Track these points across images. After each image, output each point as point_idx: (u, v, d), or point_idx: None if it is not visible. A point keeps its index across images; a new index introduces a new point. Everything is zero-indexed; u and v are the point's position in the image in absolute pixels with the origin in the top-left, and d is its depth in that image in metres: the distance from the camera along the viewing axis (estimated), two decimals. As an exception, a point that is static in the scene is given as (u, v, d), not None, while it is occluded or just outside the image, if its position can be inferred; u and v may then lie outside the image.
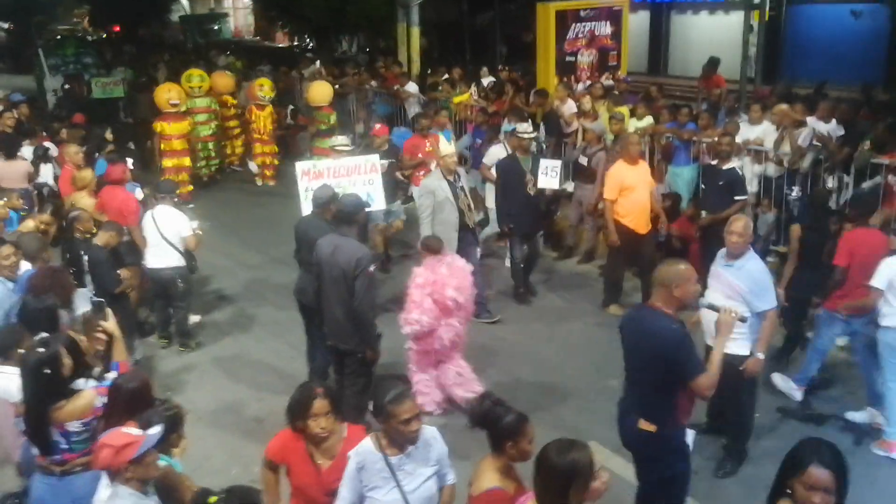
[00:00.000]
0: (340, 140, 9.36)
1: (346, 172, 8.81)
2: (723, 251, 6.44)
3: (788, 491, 3.62)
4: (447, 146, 9.16)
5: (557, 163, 10.10)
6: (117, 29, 35.23)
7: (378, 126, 11.62)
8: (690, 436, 5.17)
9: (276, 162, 15.63)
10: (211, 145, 15.72)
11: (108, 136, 11.93)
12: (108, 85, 18.49)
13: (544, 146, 11.94)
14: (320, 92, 14.93)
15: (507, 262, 10.32)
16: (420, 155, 10.82)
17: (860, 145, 9.58)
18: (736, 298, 6.02)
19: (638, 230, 9.25)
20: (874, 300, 6.70)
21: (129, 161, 10.22)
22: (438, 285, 7.09)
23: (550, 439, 3.88)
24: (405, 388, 4.23)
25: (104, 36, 35.96)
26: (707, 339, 6.10)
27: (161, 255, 8.65)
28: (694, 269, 4.96)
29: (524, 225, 9.70)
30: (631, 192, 9.13)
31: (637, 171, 9.29)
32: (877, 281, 6.61)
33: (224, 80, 16.58)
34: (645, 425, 4.94)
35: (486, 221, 10.15)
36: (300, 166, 8.65)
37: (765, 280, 6.28)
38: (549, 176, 9.88)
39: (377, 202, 9.09)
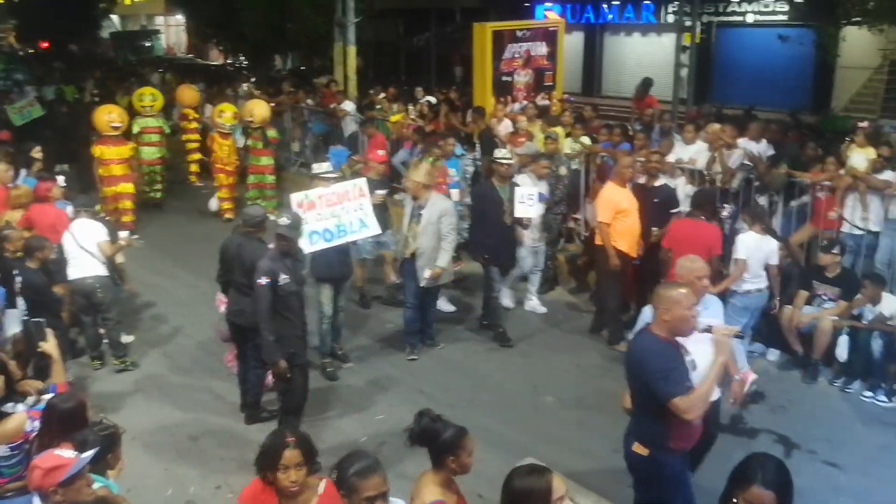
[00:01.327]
0: (325, 167, 8.94)
1: (337, 200, 8.43)
2: None
3: (735, 501, 3.65)
4: (417, 171, 8.98)
5: (535, 190, 9.50)
6: (45, 45, 34.53)
7: (381, 153, 11.03)
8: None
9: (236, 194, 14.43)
10: (158, 168, 14.90)
11: (37, 154, 11.49)
12: (24, 108, 17.52)
13: (478, 165, 11.99)
14: (260, 109, 14.44)
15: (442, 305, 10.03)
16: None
17: (777, 168, 9.86)
18: None
19: (631, 254, 9.04)
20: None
21: (61, 179, 10.01)
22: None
23: (489, 456, 3.89)
24: (373, 462, 3.91)
25: (31, 52, 35.21)
26: None
27: (80, 266, 8.53)
28: (691, 295, 4.88)
29: (501, 256, 9.35)
30: (626, 216, 8.89)
31: (629, 193, 9.06)
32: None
33: (189, 93, 16.46)
34: (638, 448, 4.95)
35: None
36: (294, 198, 8.23)
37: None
38: (526, 204, 9.21)
39: (371, 227, 8.64)
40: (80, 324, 8.94)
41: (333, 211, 8.35)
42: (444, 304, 10.15)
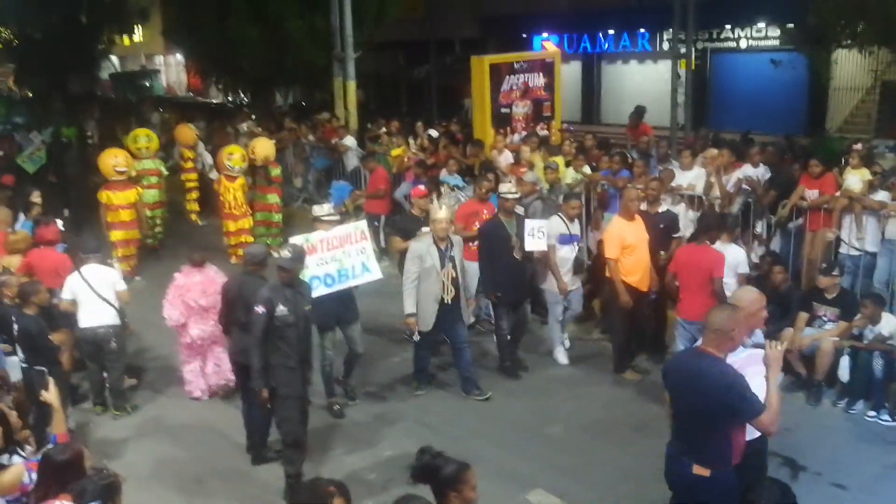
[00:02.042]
0: (326, 209, 8.69)
1: (338, 243, 8.24)
2: None
3: None
4: (440, 210, 8.55)
5: (544, 223, 9.30)
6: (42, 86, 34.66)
7: (421, 187, 10.63)
8: None
9: (250, 239, 13.42)
10: (158, 213, 14.59)
11: (36, 198, 11.43)
12: (34, 155, 17.70)
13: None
14: (262, 147, 14.41)
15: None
16: (477, 224, 9.71)
17: (779, 209, 10.00)
18: None
19: (641, 288, 8.97)
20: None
21: (59, 223, 10.02)
22: (188, 290, 8.67)
23: (496, 489, 3.87)
24: None
25: (30, 94, 35.39)
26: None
27: (95, 313, 8.45)
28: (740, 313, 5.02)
29: (511, 292, 9.16)
30: (633, 250, 8.82)
31: (635, 226, 8.94)
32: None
33: (187, 132, 16.47)
34: (700, 470, 4.90)
35: None
36: (293, 241, 7.85)
37: None
38: (535, 237, 9.10)
39: (373, 272, 8.45)
40: (82, 369, 8.90)
41: (335, 255, 8.19)
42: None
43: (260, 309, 6.66)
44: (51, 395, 5.38)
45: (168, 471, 7.60)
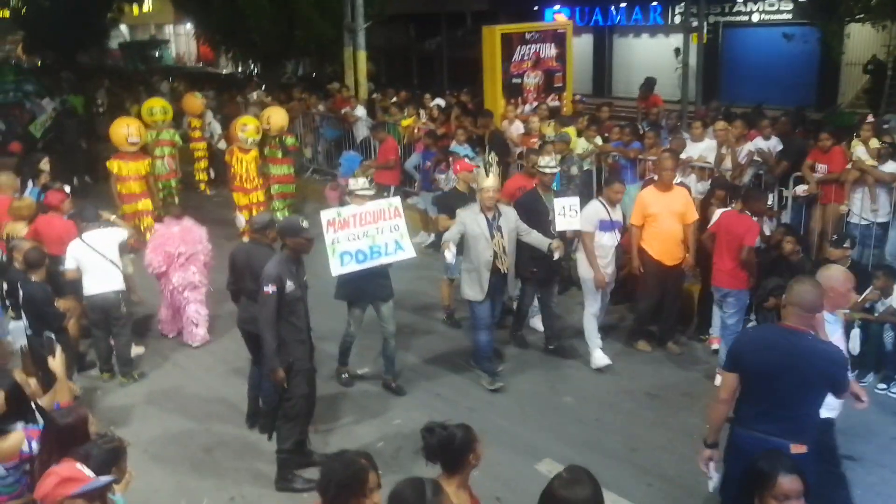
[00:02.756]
0: (361, 183, 8.30)
1: (372, 219, 7.94)
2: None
3: None
4: (487, 179, 8.12)
5: (576, 200, 8.88)
6: (51, 55, 34.62)
7: (465, 159, 10.27)
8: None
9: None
10: (172, 182, 14.28)
11: (44, 165, 11.37)
12: (46, 123, 17.69)
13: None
14: (277, 117, 14.08)
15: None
16: None
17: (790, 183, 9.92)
18: None
19: (664, 261, 8.74)
20: None
21: (66, 188, 10.00)
22: (168, 239, 9.29)
23: (507, 459, 3.82)
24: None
25: (39, 63, 35.34)
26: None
27: (101, 279, 8.40)
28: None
29: (545, 269, 8.74)
30: (655, 220, 8.65)
31: (667, 197, 8.69)
32: None
33: (193, 101, 16.36)
34: (797, 448, 4.76)
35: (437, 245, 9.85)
36: (325, 215, 7.76)
37: None
38: (567, 216, 8.71)
39: (406, 250, 8.09)
40: (89, 336, 8.89)
41: (367, 231, 7.92)
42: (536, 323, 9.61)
43: (270, 289, 6.39)
44: (56, 362, 5.33)
45: (175, 440, 7.58)
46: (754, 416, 4.92)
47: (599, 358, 8.71)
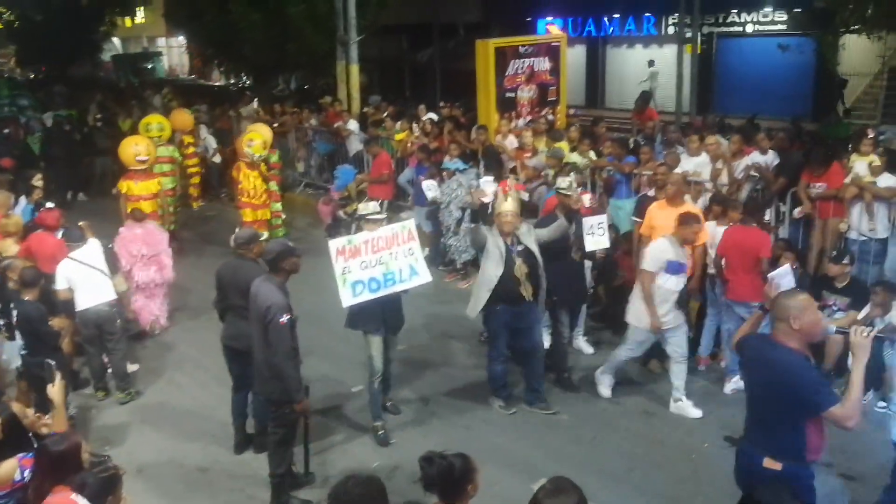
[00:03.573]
0: (372, 207, 7.89)
1: (385, 245, 7.49)
2: None
3: None
4: (505, 203, 7.73)
5: (603, 217, 8.72)
6: (44, 69, 34.60)
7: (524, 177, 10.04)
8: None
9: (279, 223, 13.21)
10: (170, 200, 13.63)
11: (37, 181, 11.28)
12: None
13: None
14: (265, 134, 13.62)
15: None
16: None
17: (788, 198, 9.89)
18: None
19: None
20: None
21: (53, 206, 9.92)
22: (131, 241, 9.92)
23: (504, 478, 3.77)
24: None
25: (32, 76, 35.28)
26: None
27: (93, 292, 8.34)
28: (812, 299, 4.84)
29: (568, 295, 8.47)
30: (655, 234, 8.50)
31: (670, 214, 8.38)
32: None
33: (183, 117, 16.07)
34: (770, 463, 4.77)
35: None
36: (334, 245, 7.36)
37: None
38: (596, 235, 8.53)
39: (422, 275, 7.64)
40: (83, 353, 8.82)
41: (380, 257, 7.45)
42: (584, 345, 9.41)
43: (285, 318, 6.27)
44: (55, 390, 5.27)
45: (170, 460, 7.51)
46: (747, 426, 5.08)
47: (605, 389, 8.45)
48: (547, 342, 8.83)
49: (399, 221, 7.93)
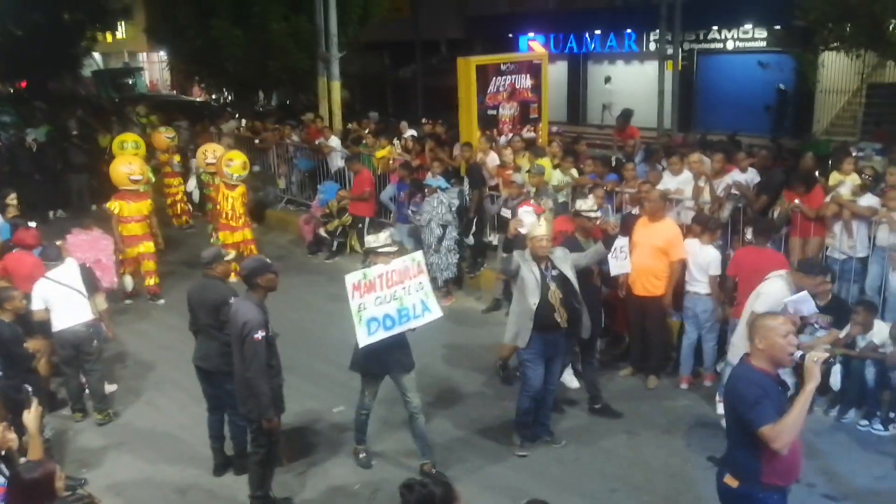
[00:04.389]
0: (383, 238, 7.37)
1: (398, 278, 7.05)
2: None
3: None
4: (539, 227, 7.41)
5: (625, 241, 8.39)
6: (24, 85, 34.38)
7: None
8: None
9: (253, 249, 12.50)
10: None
11: (11, 200, 11.01)
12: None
13: (468, 199, 11.96)
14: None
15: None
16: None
17: (779, 203, 9.82)
18: None
19: (634, 289, 8.80)
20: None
21: (33, 225, 9.82)
22: (76, 247, 10.28)
23: (485, 500, 3.72)
24: None
25: (11, 91, 35.05)
26: None
27: (69, 312, 8.22)
28: (789, 323, 4.82)
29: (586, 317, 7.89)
30: (634, 248, 8.59)
31: (650, 229, 8.67)
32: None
33: (159, 138, 15.92)
34: (729, 480, 4.81)
35: None
36: (350, 280, 6.93)
37: None
38: (619, 259, 8.33)
39: (434, 311, 7.21)
40: (60, 374, 8.69)
41: (394, 292, 7.03)
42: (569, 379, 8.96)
43: (259, 335, 6.22)
44: (31, 418, 5.15)
45: (149, 482, 7.41)
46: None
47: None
48: (571, 382, 8.84)
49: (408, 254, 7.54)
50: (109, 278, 10.68)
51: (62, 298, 8.24)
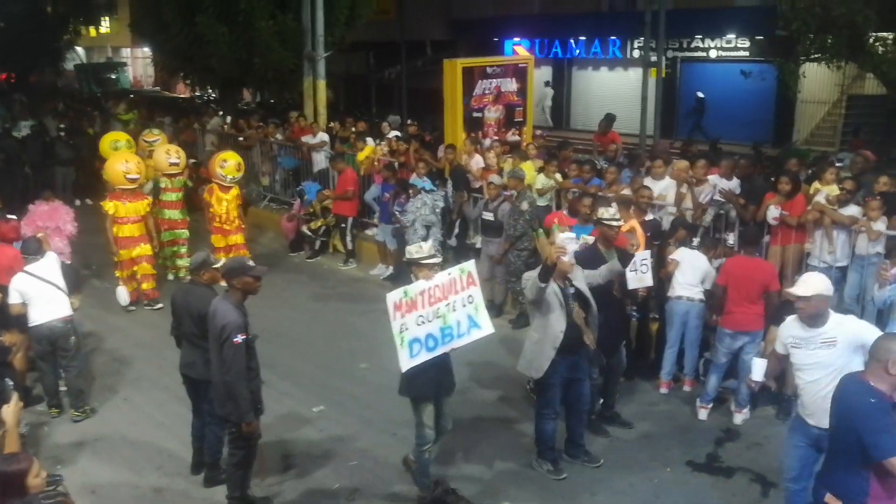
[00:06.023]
0: (427, 249, 6.81)
1: (441, 294, 6.52)
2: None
3: None
4: (561, 237, 6.89)
5: (647, 254, 8.14)
6: (3, 77, 34.10)
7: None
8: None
9: (247, 254, 11.78)
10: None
11: None
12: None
13: (451, 201, 11.95)
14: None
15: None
16: None
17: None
18: None
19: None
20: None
21: (13, 218, 9.70)
22: (38, 216, 10.83)
23: None
24: None
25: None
26: None
27: (46, 307, 8.13)
28: None
29: (607, 335, 7.47)
30: None
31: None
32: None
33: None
34: (831, 500, 4.68)
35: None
36: (391, 297, 6.57)
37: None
38: (640, 272, 8.07)
39: (484, 327, 6.54)
40: (36, 369, 8.59)
41: (437, 309, 6.51)
42: None
43: (239, 338, 6.13)
44: (9, 413, 5.05)
45: (125, 479, 7.33)
46: (825, 460, 5.17)
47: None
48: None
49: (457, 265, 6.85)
50: (65, 247, 10.71)
51: (40, 293, 8.15)
